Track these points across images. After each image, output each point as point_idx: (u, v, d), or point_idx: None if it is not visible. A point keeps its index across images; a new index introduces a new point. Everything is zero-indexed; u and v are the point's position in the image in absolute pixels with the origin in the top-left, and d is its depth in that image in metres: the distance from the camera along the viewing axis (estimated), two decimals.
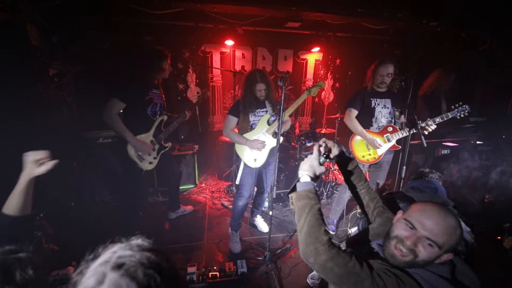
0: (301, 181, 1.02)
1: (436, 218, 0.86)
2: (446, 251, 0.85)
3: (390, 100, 2.42)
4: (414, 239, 0.86)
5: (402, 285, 0.80)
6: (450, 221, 0.86)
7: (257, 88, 2.20)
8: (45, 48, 2.67)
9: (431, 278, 0.83)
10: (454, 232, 0.85)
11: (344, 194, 2.65)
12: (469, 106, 2.21)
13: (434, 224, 0.85)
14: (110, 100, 2.16)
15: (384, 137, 2.40)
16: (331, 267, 0.83)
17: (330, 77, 4.59)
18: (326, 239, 0.87)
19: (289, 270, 2.23)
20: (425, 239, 0.85)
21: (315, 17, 3.12)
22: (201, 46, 3.90)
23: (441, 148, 2.94)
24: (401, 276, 0.83)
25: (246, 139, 2.29)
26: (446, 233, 0.84)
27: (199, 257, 2.38)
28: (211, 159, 4.23)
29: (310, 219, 0.92)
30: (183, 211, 3.02)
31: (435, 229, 0.85)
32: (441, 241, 0.84)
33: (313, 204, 0.95)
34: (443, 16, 3.14)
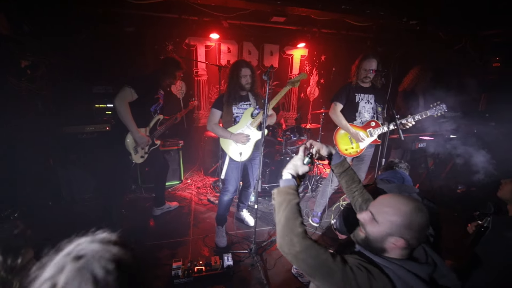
0: (283, 178, 1.06)
1: (387, 201, 0.95)
2: (392, 234, 0.89)
3: (373, 96, 2.50)
4: (368, 219, 0.97)
5: (373, 280, 0.83)
6: (396, 204, 0.91)
7: (242, 73, 2.19)
8: (16, 37, 2.51)
9: (405, 276, 0.84)
10: (403, 215, 0.88)
11: (327, 187, 2.73)
12: (445, 105, 2.32)
13: (379, 204, 0.95)
14: (125, 89, 2.20)
15: (367, 131, 2.49)
16: (303, 258, 0.85)
17: (315, 73, 4.65)
18: (301, 231, 0.90)
19: (274, 262, 2.28)
20: (370, 214, 0.95)
21: (300, 12, 3.14)
22: (185, 39, 3.81)
23: (418, 142, 3.08)
24: (373, 271, 0.85)
25: (230, 133, 2.28)
26: (391, 212, 0.90)
27: (185, 252, 2.37)
28: (196, 154, 4.19)
29: (287, 212, 0.95)
30: (168, 207, 2.98)
31: (379, 207, 0.94)
32: (382, 219, 0.91)
33: (291, 199, 0.98)
34: (422, 15, 3.27)
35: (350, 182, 1.28)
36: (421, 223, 0.88)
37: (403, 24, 3.38)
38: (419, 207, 0.89)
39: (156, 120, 2.55)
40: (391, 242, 0.89)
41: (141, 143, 2.40)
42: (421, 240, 0.91)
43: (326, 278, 0.84)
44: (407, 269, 0.86)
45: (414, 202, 0.91)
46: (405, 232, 0.87)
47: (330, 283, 0.84)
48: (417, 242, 0.90)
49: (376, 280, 0.83)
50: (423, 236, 0.91)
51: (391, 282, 0.84)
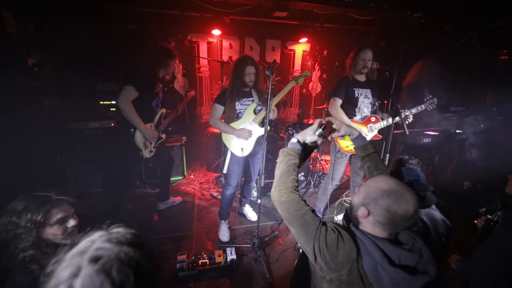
0: (290, 142, 1.18)
1: (378, 178, 0.99)
2: (363, 204, 0.95)
3: (370, 90, 2.47)
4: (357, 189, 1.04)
5: (341, 242, 0.90)
6: (380, 181, 0.96)
7: (246, 71, 2.19)
8: (23, 36, 2.55)
9: (373, 250, 0.88)
10: (377, 190, 0.93)
11: (328, 185, 2.71)
12: (437, 98, 2.32)
13: (371, 179, 1.02)
14: (125, 88, 2.21)
15: (368, 127, 2.47)
16: (287, 207, 1.00)
17: (318, 68, 4.62)
18: (291, 185, 1.04)
19: (277, 256, 2.30)
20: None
21: (302, 6, 3.12)
22: (188, 36, 3.82)
23: (423, 137, 3.05)
24: (344, 235, 0.92)
25: (233, 128, 2.29)
26: (371, 186, 0.96)
27: (189, 246, 2.41)
28: (199, 150, 4.22)
29: (284, 168, 1.09)
30: (172, 202, 3.03)
31: (368, 181, 1.01)
32: (362, 189, 0.98)
33: (291, 159, 1.10)
34: (426, 8, 3.21)
35: (372, 169, 1.27)
36: (391, 206, 0.88)
37: (407, 17, 3.33)
38: (399, 194, 0.90)
39: (160, 114, 2.58)
40: (361, 212, 0.95)
41: (149, 138, 2.44)
42: (394, 225, 0.91)
43: (301, 228, 0.96)
44: (377, 245, 0.89)
45: (398, 187, 0.92)
46: (373, 206, 0.92)
47: (304, 234, 0.94)
48: (386, 223, 0.90)
49: (344, 243, 0.89)
50: (396, 223, 0.90)
51: (357, 250, 0.89)
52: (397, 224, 0.91)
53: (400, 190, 0.91)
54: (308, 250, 0.94)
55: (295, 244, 2.38)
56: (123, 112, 2.24)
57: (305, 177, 3.36)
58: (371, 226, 0.94)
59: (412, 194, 0.91)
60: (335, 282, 0.89)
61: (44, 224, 1.00)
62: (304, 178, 3.36)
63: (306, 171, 3.36)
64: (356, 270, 0.87)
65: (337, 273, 0.88)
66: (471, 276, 1.66)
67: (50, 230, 1.02)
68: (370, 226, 0.94)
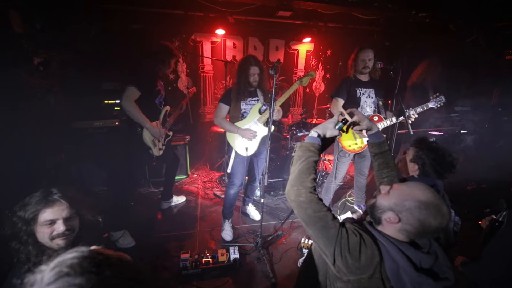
0: (309, 135, 1.10)
1: (413, 184, 0.95)
2: (392, 209, 0.91)
3: (373, 90, 2.46)
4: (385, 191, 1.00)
5: (363, 245, 0.87)
6: (416, 189, 0.91)
7: (251, 71, 2.19)
8: (29, 35, 2.58)
9: (396, 255, 0.86)
10: (412, 199, 0.89)
11: (331, 184, 2.71)
12: (444, 96, 2.26)
13: (403, 183, 0.97)
14: (127, 89, 2.22)
15: None
16: (305, 208, 0.94)
17: (321, 68, 4.61)
18: (310, 185, 0.97)
19: (281, 256, 2.30)
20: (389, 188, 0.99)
21: (306, 6, 3.12)
22: (191, 35, 3.83)
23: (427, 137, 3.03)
24: (366, 239, 0.89)
25: (237, 127, 2.30)
26: (404, 193, 0.91)
27: (192, 244, 2.42)
28: (203, 149, 4.23)
29: (303, 166, 1.00)
30: (175, 200, 3.04)
31: (400, 185, 0.96)
32: (393, 194, 0.93)
33: (310, 156, 1.01)
34: (431, 7, 3.19)
35: (382, 166, 1.26)
36: (428, 219, 0.85)
37: (411, 17, 3.31)
38: (437, 208, 0.86)
39: (165, 112, 2.58)
40: (388, 216, 0.92)
41: (158, 135, 2.46)
42: (421, 235, 0.89)
43: (321, 231, 0.91)
44: (400, 249, 0.87)
45: (435, 200, 0.87)
46: (405, 215, 0.88)
47: (324, 236, 0.90)
48: (414, 232, 0.88)
49: (366, 247, 0.87)
50: (425, 234, 0.88)
51: (380, 254, 0.86)
52: (426, 235, 0.89)
53: (438, 203, 0.87)
54: (327, 253, 0.90)
55: (298, 244, 2.38)
56: (128, 113, 2.25)
57: None
58: (395, 231, 0.91)
59: (447, 207, 0.88)
60: (353, 284, 0.87)
61: (33, 222, 0.98)
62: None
63: None
64: (379, 274, 0.85)
65: (358, 276, 0.86)
66: (477, 277, 1.66)
67: (39, 229, 0.99)
68: (394, 231, 0.91)
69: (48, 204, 1.00)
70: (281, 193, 3.36)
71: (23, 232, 0.97)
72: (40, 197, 1.01)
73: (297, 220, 2.84)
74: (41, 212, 0.99)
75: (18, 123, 2.45)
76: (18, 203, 1.02)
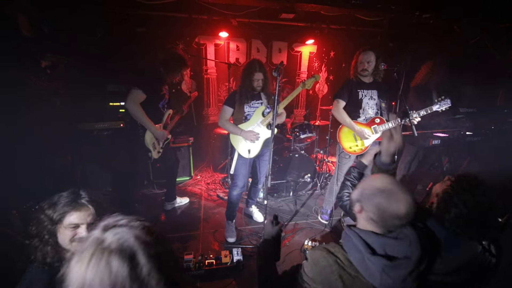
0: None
1: (376, 176, 1.05)
2: (358, 200, 1.00)
3: (376, 91, 2.45)
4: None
5: (317, 266, 0.95)
6: (376, 180, 1.00)
7: (255, 77, 2.21)
8: (37, 38, 2.63)
9: (356, 241, 0.93)
10: (370, 188, 0.97)
11: (334, 185, 2.70)
12: (450, 100, 2.24)
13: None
14: (133, 91, 2.24)
15: (371, 128, 2.44)
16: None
17: (324, 70, 4.61)
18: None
19: (283, 258, 2.29)
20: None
21: (309, 8, 3.13)
22: (195, 38, 3.87)
23: (432, 139, 3.00)
24: (316, 258, 0.96)
25: (241, 129, 2.31)
26: (366, 184, 1.02)
27: (195, 246, 2.42)
28: (206, 151, 4.25)
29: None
30: (179, 202, 3.06)
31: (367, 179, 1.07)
32: (359, 186, 1.04)
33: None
34: (435, 8, 3.17)
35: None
36: (382, 204, 0.91)
37: (415, 18, 3.30)
38: (390, 193, 0.92)
39: (167, 115, 2.61)
40: (356, 208, 1.00)
41: (161, 138, 2.49)
42: (385, 222, 0.93)
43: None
44: (360, 236, 0.93)
45: (391, 186, 0.94)
46: (365, 203, 0.97)
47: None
48: (377, 220, 0.93)
49: (320, 265, 0.94)
50: (387, 220, 0.92)
51: (337, 258, 0.94)
52: (388, 222, 0.92)
53: (393, 189, 0.93)
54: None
55: (302, 246, 2.37)
56: (133, 115, 2.27)
57: (312, 178, 3.35)
58: (365, 222, 0.98)
59: (404, 194, 0.92)
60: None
61: (59, 222, 0.99)
62: (311, 180, 3.34)
63: (313, 173, 3.35)
64: (346, 274, 0.91)
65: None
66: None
67: (63, 231, 1.00)
68: (364, 222, 0.98)
69: (76, 207, 1.00)
70: (284, 195, 3.35)
71: (46, 231, 0.98)
72: (70, 199, 1.01)
73: (300, 222, 2.83)
74: (69, 214, 0.99)
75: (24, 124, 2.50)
76: (44, 201, 1.01)
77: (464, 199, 1.00)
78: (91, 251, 0.54)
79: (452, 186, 1.05)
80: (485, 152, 3.22)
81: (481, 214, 0.99)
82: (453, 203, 1.01)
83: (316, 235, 2.61)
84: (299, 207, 3.14)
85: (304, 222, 2.83)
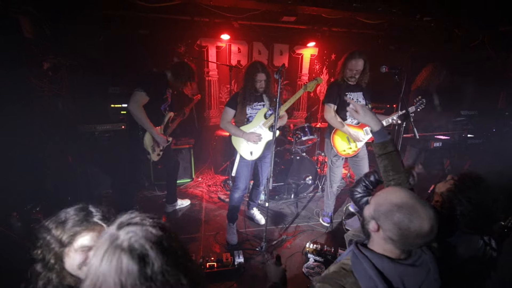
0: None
1: (390, 189, 0.92)
2: (374, 217, 0.88)
3: (361, 93, 2.46)
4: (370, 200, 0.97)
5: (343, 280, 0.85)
6: (392, 194, 0.88)
7: (257, 78, 2.21)
8: (39, 40, 2.64)
9: (368, 268, 0.82)
10: (388, 204, 0.86)
11: (328, 188, 2.70)
12: (429, 96, 2.34)
13: (383, 190, 0.94)
14: (136, 93, 2.23)
15: (363, 130, 2.47)
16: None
17: (325, 72, 4.62)
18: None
19: (285, 260, 2.28)
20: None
21: (310, 11, 3.14)
22: (197, 40, 3.88)
23: (433, 141, 3.00)
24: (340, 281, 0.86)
25: (243, 131, 2.31)
26: (381, 198, 0.89)
27: (197, 248, 2.41)
28: (207, 153, 4.24)
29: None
30: (180, 204, 3.05)
31: (380, 192, 0.93)
32: (373, 201, 0.91)
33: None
34: (436, 12, 3.19)
35: (388, 168, 1.16)
36: (403, 222, 0.80)
37: (416, 21, 3.31)
38: (411, 209, 0.81)
39: (168, 118, 2.61)
40: (371, 225, 0.88)
41: (161, 142, 2.49)
42: (405, 241, 0.83)
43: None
44: (373, 264, 0.82)
45: (409, 200, 0.83)
46: (383, 221, 0.85)
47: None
48: (397, 239, 0.83)
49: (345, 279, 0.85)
50: (408, 239, 0.82)
51: (355, 279, 0.84)
52: (410, 241, 0.82)
53: (413, 204, 0.82)
54: None
55: (303, 248, 2.36)
56: (135, 117, 2.27)
57: (313, 181, 3.34)
58: (382, 242, 0.87)
59: (427, 209, 0.82)
60: None
61: (69, 244, 0.84)
62: (312, 182, 3.33)
63: (314, 175, 3.34)
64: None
65: None
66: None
67: (72, 254, 0.84)
68: (381, 242, 0.87)
69: (89, 227, 0.86)
70: (285, 197, 3.35)
71: (53, 255, 0.82)
72: (80, 218, 0.86)
73: (301, 225, 2.82)
74: (80, 235, 0.84)
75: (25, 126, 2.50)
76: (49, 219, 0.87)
77: (468, 197, 1.01)
78: (105, 247, 0.55)
79: (455, 184, 1.06)
80: (487, 155, 3.21)
81: (485, 209, 1.00)
82: (458, 201, 1.02)
83: (317, 237, 2.60)
84: (300, 209, 3.13)
85: (305, 225, 2.82)
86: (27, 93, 2.57)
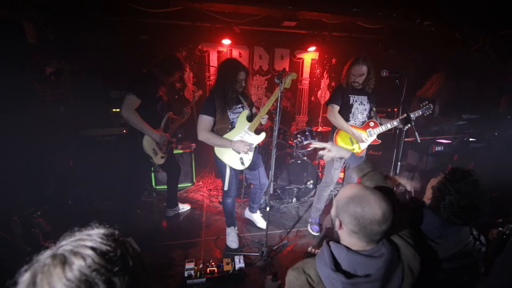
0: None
1: (348, 186, 0.98)
2: (337, 214, 0.94)
3: (366, 97, 2.47)
4: None
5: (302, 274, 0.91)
6: (346, 189, 0.95)
7: (239, 77, 2.05)
8: (42, 46, 2.67)
9: (326, 255, 0.89)
10: (343, 198, 0.92)
11: (323, 191, 2.65)
12: (433, 105, 2.32)
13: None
14: (127, 98, 2.19)
15: (366, 131, 2.48)
16: None
17: (326, 76, 4.63)
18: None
19: (286, 266, 2.25)
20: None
21: (311, 16, 3.16)
22: (198, 45, 3.92)
23: (435, 145, 2.99)
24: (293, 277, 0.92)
25: (230, 141, 2.10)
26: (339, 195, 0.96)
27: (197, 253, 2.39)
28: (208, 157, 4.23)
29: None
30: (181, 208, 3.04)
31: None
32: (335, 200, 0.97)
33: None
34: (436, 16, 3.20)
35: (372, 186, 1.19)
36: (356, 212, 0.86)
37: (416, 25, 3.33)
38: (361, 198, 0.88)
39: (167, 118, 2.53)
40: (336, 224, 0.95)
41: (162, 142, 2.41)
42: (364, 231, 0.87)
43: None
44: (331, 252, 0.89)
45: (361, 191, 0.90)
46: (341, 215, 0.92)
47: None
48: (357, 230, 0.87)
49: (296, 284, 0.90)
50: (366, 228, 0.86)
51: (308, 276, 0.90)
52: (368, 229, 0.86)
53: (363, 194, 0.89)
54: None
55: (305, 253, 2.34)
56: (129, 121, 2.23)
57: (314, 185, 3.32)
58: (348, 237, 0.92)
59: (376, 196, 0.88)
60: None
61: None
62: (313, 186, 3.31)
63: (315, 179, 3.33)
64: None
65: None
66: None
67: None
68: (347, 237, 0.92)
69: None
70: (286, 201, 3.33)
71: None
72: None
73: (303, 229, 2.80)
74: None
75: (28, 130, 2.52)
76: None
77: (458, 187, 1.09)
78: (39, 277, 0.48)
79: (446, 177, 1.15)
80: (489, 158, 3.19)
81: (473, 200, 1.08)
82: (447, 191, 1.11)
83: (319, 242, 2.58)
84: (301, 213, 3.11)
85: (306, 229, 2.79)
86: (30, 98, 2.59)
